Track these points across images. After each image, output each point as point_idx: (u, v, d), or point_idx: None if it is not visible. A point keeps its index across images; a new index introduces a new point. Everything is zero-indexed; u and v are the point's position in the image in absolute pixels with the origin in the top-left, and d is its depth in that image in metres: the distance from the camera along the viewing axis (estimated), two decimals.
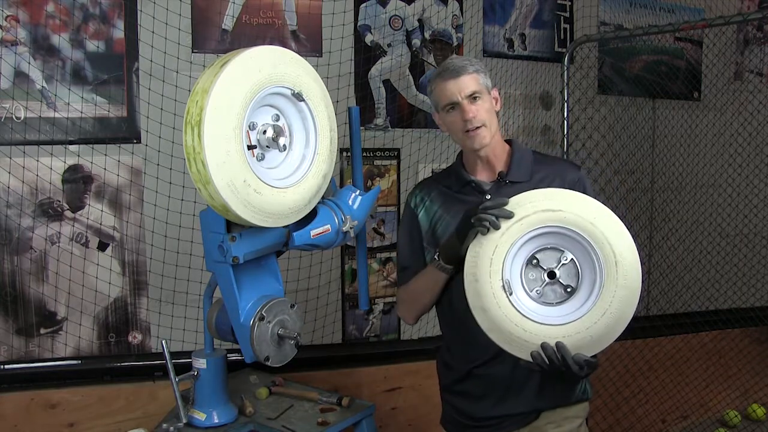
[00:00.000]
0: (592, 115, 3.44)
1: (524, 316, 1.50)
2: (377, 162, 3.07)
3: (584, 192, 1.64)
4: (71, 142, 2.56)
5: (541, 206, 1.51)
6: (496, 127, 1.72)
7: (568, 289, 1.53)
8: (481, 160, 1.75)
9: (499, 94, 1.78)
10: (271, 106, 1.68)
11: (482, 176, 1.76)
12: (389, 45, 3.07)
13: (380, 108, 3.06)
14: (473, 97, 1.67)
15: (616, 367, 3.36)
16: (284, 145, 1.69)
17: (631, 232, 1.50)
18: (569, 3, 3.45)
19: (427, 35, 3.14)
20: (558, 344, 1.46)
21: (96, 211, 2.62)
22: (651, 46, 3.65)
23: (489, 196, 1.70)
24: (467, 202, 1.72)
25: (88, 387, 2.58)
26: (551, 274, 1.53)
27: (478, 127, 1.67)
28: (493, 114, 1.71)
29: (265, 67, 1.59)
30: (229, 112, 1.51)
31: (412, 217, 1.84)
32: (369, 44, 3.03)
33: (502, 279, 1.51)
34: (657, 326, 3.51)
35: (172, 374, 1.83)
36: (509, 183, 1.72)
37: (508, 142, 1.81)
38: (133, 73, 2.64)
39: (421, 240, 1.82)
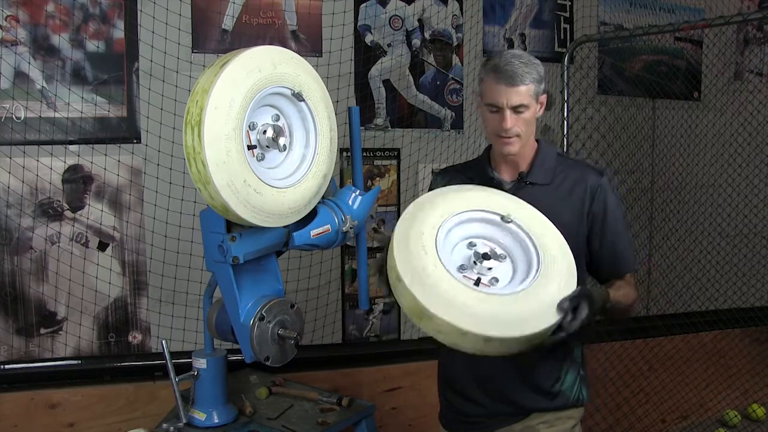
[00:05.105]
0: (592, 115, 3.43)
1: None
2: (377, 162, 3.06)
3: (605, 200, 1.69)
4: (71, 142, 2.56)
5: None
6: (531, 135, 1.71)
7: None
8: (506, 159, 1.76)
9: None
10: (271, 106, 1.68)
11: (505, 174, 1.78)
12: (389, 45, 3.06)
13: (380, 108, 3.06)
14: (518, 109, 1.65)
15: (616, 367, 3.36)
16: (284, 145, 1.69)
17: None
18: (569, 3, 3.45)
19: (427, 35, 3.13)
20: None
21: (96, 211, 2.62)
22: (651, 46, 3.65)
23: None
24: None
25: (88, 387, 2.58)
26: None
27: (511, 137, 1.68)
28: (532, 123, 1.69)
29: (265, 67, 1.59)
30: (229, 112, 1.51)
31: None
32: (369, 44, 3.03)
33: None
34: (657, 326, 3.50)
35: (172, 374, 1.83)
36: (529, 184, 1.73)
37: (536, 140, 1.81)
38: (133, 73, 2.64)
39: None
